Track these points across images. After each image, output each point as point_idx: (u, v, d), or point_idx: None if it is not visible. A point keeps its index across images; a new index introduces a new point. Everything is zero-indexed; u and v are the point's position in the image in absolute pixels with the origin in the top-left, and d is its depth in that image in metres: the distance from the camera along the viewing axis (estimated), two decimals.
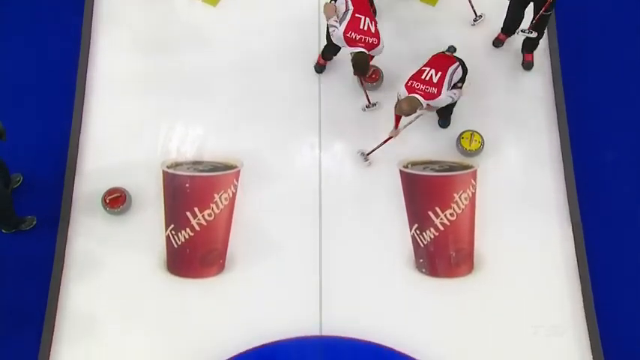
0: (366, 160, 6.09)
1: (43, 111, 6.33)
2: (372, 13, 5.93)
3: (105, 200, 5.91)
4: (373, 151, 6.06)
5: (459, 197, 5.95)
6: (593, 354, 5.54)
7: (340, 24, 5.79)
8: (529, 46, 6.33)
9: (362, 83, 6.22)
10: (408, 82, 5.65)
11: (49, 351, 5.56)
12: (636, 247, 5.91)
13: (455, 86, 5.72)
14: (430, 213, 5.90)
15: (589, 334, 5.59)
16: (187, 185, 6.03)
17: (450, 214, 5.91)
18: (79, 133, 6.25)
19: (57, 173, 6.07)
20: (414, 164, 6.07)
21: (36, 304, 5.70)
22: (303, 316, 5.64)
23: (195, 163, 6.14)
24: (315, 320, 5.65)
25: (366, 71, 5.93)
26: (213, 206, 5.96)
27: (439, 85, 5.59)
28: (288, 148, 6.22)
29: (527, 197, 6.02)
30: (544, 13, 5.93)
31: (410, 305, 5.71)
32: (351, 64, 5.83)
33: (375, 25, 5.81)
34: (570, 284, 5.74)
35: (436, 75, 5.62)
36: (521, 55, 6.42)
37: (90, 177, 6.08)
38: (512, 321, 5.64)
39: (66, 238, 5.90)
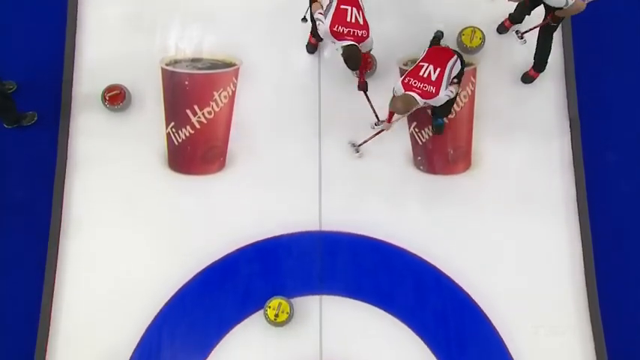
0: (357, 152, 5.86)
1: (39, 5, 6.22)
2: (358, 0, 5.41)
3: (104, 97, 5.89)
4: (364, 142, 5.81)
5: (459, 95, 5.94)
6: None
7: (325, 17, 5.31)
8: (538, 64, 5.91)
9: (368, 100, 5.70)
10: (404, 79, 5.26)
11: (57, 248, 5.72)
12: None
13: (452, 82, 5.33)
14: (429, 110, 5.92)
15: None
16: (187, 83, 6.01)
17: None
18: (75, 28, 6.15)
19: (55, 71, 6.03)
20: (413, 62, 6.01)
21: (39, 201, 5.82)
22: (303, 212, 5.78)
23: (194, 61, 6.08)
24: (315, 216, 5.78)
25: (359, 64, 5.42)
26: (213, 104, 5.97)
27: (437, 83, 5.21)
28: (287, 46, 6.12)
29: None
30: (550, 24, 5.51)
31: (407, 202, 5.82)
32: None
33: (363, 16, 5.33)
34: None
35: (435, 71, 5.23)
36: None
37: (88, 74, 6.05)
38: (509, 217, 5.77)
39: (67, 136, 5.94)
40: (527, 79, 6.01)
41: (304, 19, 5.69)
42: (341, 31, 5.26)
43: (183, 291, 5.62)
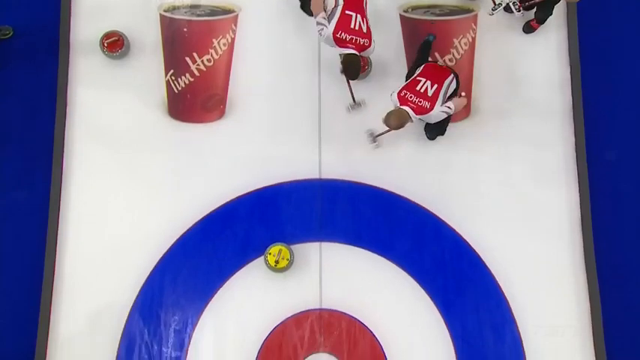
0: (375, 142, 5.76)
1: None
2: (363, 6, 5.30)
3: (103, 44, 5.86)
4: (382, 134, 5.68)
5: (459, 42, 5.92)
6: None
7: (329, 22, 5.20)
8: (540, 17, 5.81)
9: (348, 82, 5.64)
10: (401, 92, 5.24)
11: (59, 200, 5.75)
12: None
13: (449, 98, 5.31)
14: (430, 58, 5.89)
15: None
16: (185, 30, 5.96)
17: (450, 60, 5.90)
18: None
19: (53, 17, 5.99)
20: (414, 8, 5.98)
21: (40, 148, 5.85)
22: (302, 160, 5.80)
23: (193, 7, 6.03)
24: (315, 164, 5.81)
25: (357, 74, 5.37)
26: (212, 52, 5.94)
27: (433, 99, 5.20)
28: None
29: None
30: None
31: (407, 150, 5.82)
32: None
33: (367, 24, 5.25)
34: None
35: (432, 87, 5.22)
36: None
37: (86, 20, 6.00)
38: (509, 164, 5.80)
39: (66, 83, 5.91)
40: (528, 29, 5.96)
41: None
42: (344, 38, 5.20)
43: (184, 238, 5.67)
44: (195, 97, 5.93)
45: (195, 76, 5.93)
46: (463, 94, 5.46)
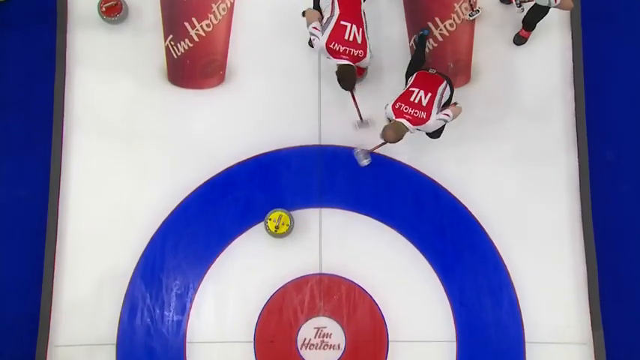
0: (367, 159, 5.70)
1: None
2: (361, 16, 5.16)
3: (101, 8, 5.80)
4: (372, 150, 5.64)
5: (459, 7, 5.89)
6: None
7: (323, 32, 5.08)
8: (529, 23, 5.69)
9: (354, 98, 5.49)
10: (395, 104, 5.15)
11: (60, 166, 5.77)
12: None
13: (444, 106, 5.24)
14: (429, 24, 5.87)
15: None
16: None
17: (450, 25, 5.89)
18: None
19: None
20: None
21: (40, 114, 5.84)
22: (302, 126, 5.81)
23: None
24: (315, 130, 5.81)
25: (352, 85, 5.22)
26: (212, 17, 5.90)
27: (428, 108, 5.11)
28: None
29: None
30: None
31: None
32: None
33: (363, 34, 5.11)
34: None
35: (426, 97, 5.13)
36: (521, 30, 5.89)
37: None
38: (509, 129, 5.81)
39: (65, 48, 5.89)
40: (519, 40, 5.87)
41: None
42: (337, 49, 5.08)
43: (185, 204, 5.71)
44: (195, 63, 5.91)
45: (195, 42, 5.90)
46: (458, 104, 5.36)
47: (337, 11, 5.10)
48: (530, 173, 5.77)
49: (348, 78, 5.13)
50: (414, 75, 5.31)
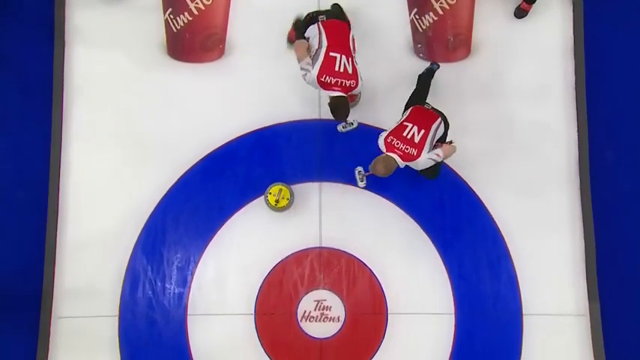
0: (362, 182, 5.70)
1: None
2: (349, 45, 5.15)
3: None
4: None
5: None
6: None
7: (313, 65, 5.04)
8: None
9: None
10: (387, 138, 5.06)
11: (60, 139, 5.78)
12: None
13: (436, 145, 5.15)
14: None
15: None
16: None
17: None
18: None
19: None
20: None
21: (41, 82, 5.85)
22: (302, 101, 5.80)
23: None
24: (314, 104, 5.81)
25: (346, 115, 5.22)
26: None
27: (420, 146, 5.02)
28: None
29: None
30: None
31: (406, 89, 5.66)
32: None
33: (353, 63, 5.08)
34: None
35: (419, 133, 5.04)
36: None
37: None
38: (509, 103, 5.81)
39: (63, 23, 5.87)
40: (520, 12, 5.86)
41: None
42: (329, 81, 5.05)
43: (185, 178, 5.74)
44: (194, 37, 5.90)
45: (194, 15, 5.88)
46: (454, 143, 5.28)
47: (325, 42, 5.09)
48: (530, 147, 5.78)
49: (342, 109, 5.14)
50: (410, 109, 5.23)
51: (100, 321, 5.56)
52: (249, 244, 5.67)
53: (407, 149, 5.02)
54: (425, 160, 5.08)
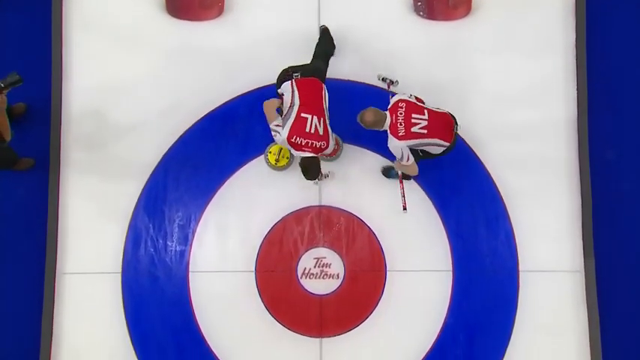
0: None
1: None
2: (322, 104, 5.11)
3: None
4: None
5: None
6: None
7: (284, 126, 5.03)
8: None
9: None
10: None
11: (60, 90, 5.78)
12: None
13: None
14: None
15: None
16: None
17: None
18: None
19: None
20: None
21: (39, 43, 5.84)
22: (303, 60, 5.57)
23: None
24: None
25: (317, 176, 5.23)
26: None
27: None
28: None
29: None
30: None
31: (407, 49, 5.82)
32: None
33: (324, 124, 5.07)
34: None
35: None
36: None
37: None
38: (511, 62, 5.81)
39: None
40: None
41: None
42: (299, 142, 5.05)
43: (185, 137, 5.76)
44: None
45: None
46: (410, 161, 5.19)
47: (297, 101, 5.07)
48: (529, 107, 5.79)
49: (312, 170, 5.17)
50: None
51: (103, 277, 5.64)
52: (249, 203, 5.72)
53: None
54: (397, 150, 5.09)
